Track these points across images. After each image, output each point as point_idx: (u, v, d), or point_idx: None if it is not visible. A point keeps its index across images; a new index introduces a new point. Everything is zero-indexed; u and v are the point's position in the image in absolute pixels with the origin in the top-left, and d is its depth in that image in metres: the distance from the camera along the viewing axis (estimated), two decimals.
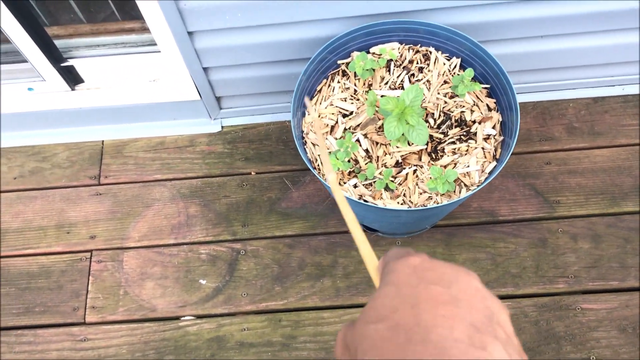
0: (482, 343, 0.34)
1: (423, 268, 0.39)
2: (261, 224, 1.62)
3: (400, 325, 0.35)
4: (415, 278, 0.38)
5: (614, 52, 1.57)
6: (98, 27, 1.55)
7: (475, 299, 0.37)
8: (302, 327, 1.49)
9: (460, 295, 0.37)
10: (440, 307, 0.36)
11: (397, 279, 0.39)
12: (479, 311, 0.36)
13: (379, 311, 0.37)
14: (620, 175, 1.62)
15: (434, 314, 0.35)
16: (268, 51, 1.46)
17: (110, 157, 1.76)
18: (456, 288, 0.37)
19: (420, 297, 0.36)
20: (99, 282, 1.58)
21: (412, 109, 1.14)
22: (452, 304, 0.36)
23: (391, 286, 0.38)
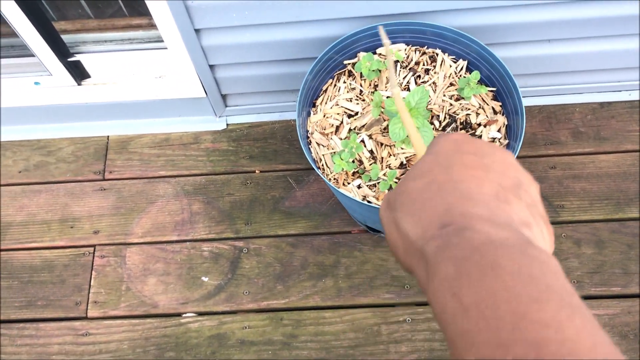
0: (506, 198, 0.37)
1: (462, 141, 0.42)
2: (264, 222, 1.62)
3: (434, 181, 0.38)
4: (454, 148, 0.41)
5: (621, 57, 1.56)
6: (105, 23, 1.55)
7: (507, 169, 0.39)
8: (303, 327, 1.49)
9: (492, 164, 0.39)
10: (472, 170, 0.38)
11: (437, 149, 0.42)
12: (508, 178, 0.39)
13: (417, 172, 0.40)
14: (625, 181, 1.61)
15: (465, 174, 0.38)
16: (275, 50, 1.46)
17: (115, 153, 1.77)
18: (489, 159, 0.40)
19: (455, 162, 0.39)
20: (101, 277, 1.58)
21: (418, 111, 1.14)
22: (483, 169, 0.39)
23: (432, 155, 0.41)
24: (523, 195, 0.38)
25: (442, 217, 0.36)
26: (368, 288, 1.52)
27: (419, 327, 1.46)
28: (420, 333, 1.46)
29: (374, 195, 1.22)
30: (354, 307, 1.51)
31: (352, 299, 1.51)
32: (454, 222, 0.35)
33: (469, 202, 0.36)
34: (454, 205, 0.36)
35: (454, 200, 0.36)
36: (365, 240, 1.58)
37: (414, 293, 1.50)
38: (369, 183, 1.24)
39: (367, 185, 1.24)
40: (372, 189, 1.23)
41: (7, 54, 1.56)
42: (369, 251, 1.56)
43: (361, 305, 1.51)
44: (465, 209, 0.35)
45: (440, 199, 0.37)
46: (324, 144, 1.29)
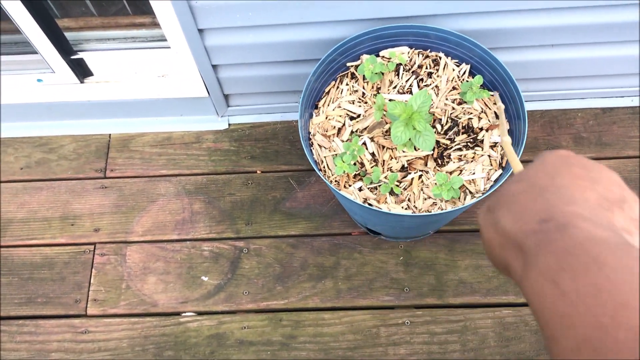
0: (610, 208, 0.37)
1: (569, 156, 0.42)
2: (265, 222, 1.63)
3: (536, 184, 0.39)
4: (560, 161, 0.41)
5: (623, 63, 1.56)
6: (109, 21, 1.55)
7: (612, 185, 0.39)
8: (302, 328, 1.49)
9: (599, 178, 0.39)
10: (578, 179, 0.39)
11: (542, 160, 0.42)
12: (613, 193, 0.39)
13: (521, 176, 0.42)
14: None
15: (570, 181, 0.39)
16: (278, 51, 1.46)
17: (117, 151, 1.77)
18: (597, 173, 0.40)
19: (562, 171, 0.40)
20: (101, 275, 1.59)
21: (420, 115, 1.14)
22: (590, 180, 0.39)
23: (537, 164, 0.42)
24: (627, 209, 0.38)
25: (542, 213, 0.36)
26: (367, 290, 1.52)
27: (418, 330, 1.46)
28: (418, 336, 1.46)
29: (375, 198, 1.22)
30: (353, 309, 1.51)
31: (351, 301, 1.52)
32: (555, 218, 0.35)
33: (571, 204, 0.36)
34: (556, 204, 0.37)
35: (556, 200, 0.37)
36: (365, 242, 1.58)
37: (413, 296, 1.50)
38: (370, 185, 1.24)
39: (368, 188, 1.24)
40: (373, 192, 1.23)
41: (10, 51, 1.56)
42: (369, 253, 1.56)
43: (360, 307, 1.51)
44: (566, 208, 0.36)
45: (542, 198, 0.38)
46: (326, 145, 1.29)
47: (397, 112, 1.14)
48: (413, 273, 1.53)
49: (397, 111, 1.14)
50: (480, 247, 1.55)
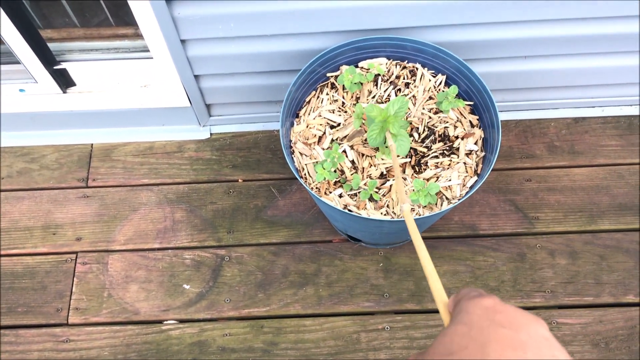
0: None
1: (495, 310, 0.41)
2: (246, 231, 1.65)
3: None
4: (486, 320, 0.40)
5: (594, 74, 1.62)
6: (92, 32, 1.57)
7: (543, 347, 0.39)
8: (284, 334, 1.51)
9: (528, 341, 0.39)
10: (509, 350, 0.38)
11: (468, 319, 0.41)
12: (544, 356, 0.38)
13: (449, 347, 0.40)
14: (598, 194, 1.66)
15: (502, 355, 0.37)
16: (259, 61, 1.49)
17: (99, 160, 1.78)
18: (525, 334, 0.39)
19: (490, 339, 0.39)
20: (83, 284, 1.59)
21: (395, 118, 1.17)
22: (520, 348, 0.38)
23: (462, 325, 0.41)
24: None
25: None
26: (348, 296, 1.55)
27: (398, 335, 1.49)
28: (398, 341, 1.48)
29: (355, 204, 1.25)
30: (334, 315, 1.53)
31: (332, 307, 1.54)
32: None
33: None
34: None
35: None
36: (346, 249, 1.61)
37: (393, 302, 1.53)
38: (350, 192, 1.27)
39: (348, 195, 1.27)
40: (353, 198, 1.26)
41: None
42: (350, 260, 1.59)
43: (341, 313, 1.53)
44: None
45: None
46: (307, 153, 1.32)
47: (373, 115, 1.17)
48: (393, 279, 1.56)
49: (374, 114, 1.17)
50: (457, 253, 1.59)
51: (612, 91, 1.72)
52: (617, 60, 1.56)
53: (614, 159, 1.72)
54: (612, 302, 1.52)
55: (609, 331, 1.48)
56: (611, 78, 1.64)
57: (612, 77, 1.63)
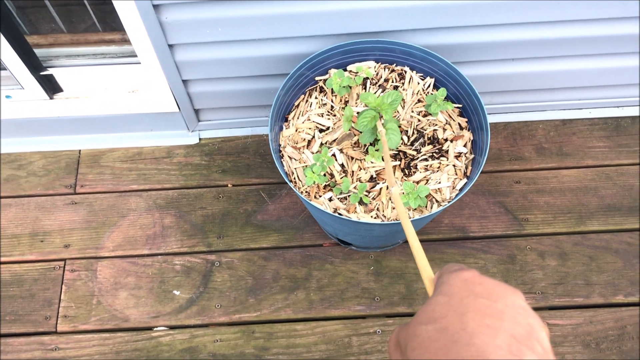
0: (520, 353, 0.38)
1: (473, 282, 0.43)
2: (236, 236, 1.64)
3: (447, 329, 0.39)
4: (466, 290, 0.43)
5: (581, 76, 1.63)
6: (78, 38, 1.56)
7: (518, 315, 0.41)
8: (275, 339, 1.50)
9: (505, 310, 0.41)
10: (486, 318, 0.40)
11: (449, 290, 0.43)
12: (520, 326, 0.40)
13: (430, 315, 0.42)
14: (586, 195, 1.67)
15: (479, 323, 0.39)
16: (247, 66, 1.49)
17: (87, 167, 1.76)
18: (502, 303, 0.41)
19: (469, 307, 0.41)
20: (71, 291, 1.58)
21: (389, 106, 1.17)
22: (497, 316, 0.40)
23: (443, 296, 0.43)
24: (536, 346, 0.39)
25: None
26: (339, 300, 1.54)
27: (389, 339, 1.48)
28: None
29: (345, 208, 1.25)
30: (325, 320, 1.53)
31: (323, 311, 1.53)
32: None
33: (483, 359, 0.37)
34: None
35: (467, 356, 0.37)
36: (336, 252, 1.61)
37: (384, 305, 1.53)
38: (340, 196, 1.26)
39: (338, 198, 1.26)
40: (343, 202, 1.26)
41: None
42: (340, 264, 1.59)
43: (332, 317, 1.53)
44: None
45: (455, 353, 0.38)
46: (296, 157, 1.31)
47: (369, 101, 1.17)
48: (384, 282, 1.56)
49: (369, 100, 1.17)
50: (448, 255, 1.59)
51: (599, 93, 1.74)
52: (603, 62, 1.57)
53: (601, 160, 1.73)
54: (602, 302, 1.53)
55: (600, 332, 1.49)
56: (598, 80, 1.65)
57: (599, 79, 1.65)
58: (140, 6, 1.25)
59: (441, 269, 0.49)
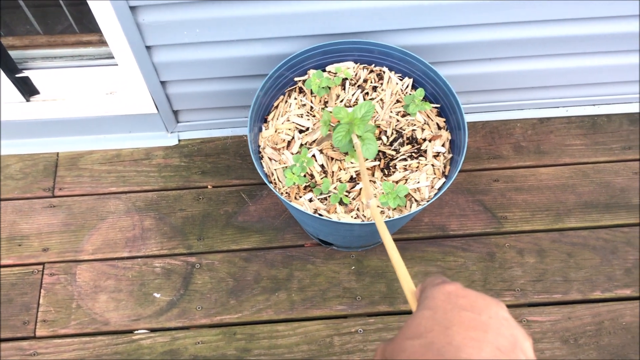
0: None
1: (457, 295, 0.44)
2: (217, 237, 1.63)
3: (433, 343, 0.40)
4: (449, 304, 0.43)
5: (558, 75, 1.65)
6: (55, 39, 1.54)
7: (502, 327, 0.42)
8: (257, 340, 1.50)
9: (489, 322, 0.41)
10: (471, 331, 0.40)
11: (433, 304, 0.44)
12: (505, 337, 0.41)
13: (416, 329, 0.42)
14: (564, 193, 1.69)
15: (464, 336, 0.40)
16: (226, 67, 1.48)
17: (65, 169, 1.75)
18: (486, 315, 0.42)
19: (453, 321, 0.41)
20: (50, 295, 1.56)
21: (361, 121, 1.17)
22: (482, 329, 0.41)
23: (428, 310, 0.43)
24: (520, 356, 0.40)
25: None
26: (321, 300, 1.55)
27: (371, 338, 1.49)
28: (371, 343, 1.49)
29: (325, 208, 1.25)
30: (307, 320, 1.53)
31: (305, 312, 1.53)
32: None
33: None
34: None
35: None
36: (317, 253, 1.61)
37: (365, 304, 1.54)
38: (320, 196, 1.27)
39: (318, 199, 1.27)
40: (323, 202, 1.26)
41: None
42: (322, 264, 1.59)
43: (314, 317, 1.53)
44: None
45: None
46: (276, 158, 1.31)
47: (340, 117, 1.17)
48: (365, 282, 1.57)
49: (341, 115, 1.17)
50: (428, 254, 1.60)
51: (575, 91, 1.76)
52: (579, 61, 1.59)
53: (578, 158, 1.75)
54: (580, 298, 1.55)
55: (578, 327, 1.51)
56: (574, 79, 1.67)
57: (575, 77, 1.67)
58: (116, 8, 1.24)
59: (424, 282, 0.49)
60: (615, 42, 1.52)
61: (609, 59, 1.59)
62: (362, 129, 1.17)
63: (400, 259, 0.58)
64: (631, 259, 1.59)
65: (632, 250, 1.61)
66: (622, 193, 1.69)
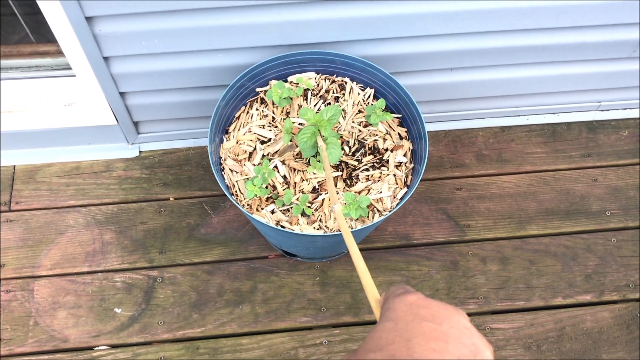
0: None
1: (418, 305, 0.44)
2: (179, 250, 1.61)
3: (395, 356, 0.40)
4: (411, 315, 0.43)
5: (518, 84, 1.67)
6: (11, 49, 1.51)
7: (463, 336, 0.42)
8: (221, 354, 1.48)
9: (450, 332, 0.42)
10: (432, 342, 0.41)
11: (394, 315, 0.44)
12: (465, 347, 0.41)
13: (377, 342, 0.42)
14: (525, 200, 1.71)
15: (425, 347, 0.40)
16: (186, 77, 1.47)
17: (22, 183, 1.70)
18: (447, 325, 0.42)
19: (415, 332, 0.41)
20: (7, 313, 1.51)
21: (328, 123, 1.17)
22: (442, 339, 0.41)
23: (389, 322, 0.43)
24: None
25: None
26: (285, 312, 1.53)
27: (336, 349, 1.48)
28: (336, 355, 1.48)
29: (288, 220, 1.24)
30: (271, 332, 1.51)
31: (269, 324, 1.52)
32: None
33: None
34: None
35: None
36: (282, 264, 1.59)
37: (330, 315, 1.53)
38: (282, 208, 1.26)
39: (280, 210, 1.26)
40: (285, 214, 1.25)
41: None
42: (286, 275, 1.58)
43: (278, 330, 1.52)
44: None
45: None
46: (237, 170, 1.30)
47: (307, 118, 1.17)
48: (329, 292, 1.56)
49: (308, 116, 1.16)
50: (392, 263, 1.60)
51: (535, 100, 1.79)
52: (539, 70, 1.62)
53: (539, 166, 1.78)
54: (542, 305, 1.57)
55: (540, 334, 1.52)
56: (534, 87, 1.70)
57: (535, 86, 1.69)
58: (72, 18, 1.22)
59: (386, 292, 0.49)
60: (574, 52, 1.55)
61: (569, 68, 1.62)
62: (328, 131, 1.16)
63: (365, 267, 0.58)
64: (591, 265, 1.62)
65: (592, 256, 1.63)
66: (582, 200, 1.72)
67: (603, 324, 1.54)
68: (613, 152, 1.82)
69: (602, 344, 1.52)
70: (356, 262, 0.60)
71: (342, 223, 0.69)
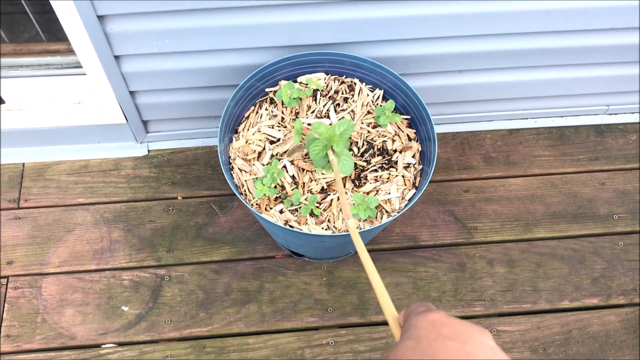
0: None
1: (441, 324, 0.43)
2: (187, 249, 1.61)
3: None
4: (434, 333, 0.42)
5: (526, 86, 1.67)
6: (21, 48, 1.51)
7: (487, 356, 0.41)
8: (227, 354, 1.48)
9: (474, 351, 0.41)
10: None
11: (417, 334, 0.43)
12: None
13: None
14: (532, 203, 1.71)
15: None
16: (196, 77, 1.47)
17: (31, 180, 1.71)
18: (471, 345, 0.41)
19: (438, 351, 0.41)
20: (15, 310, 1.52)
21: (340, 138, 1.17)
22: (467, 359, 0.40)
23: (412, 340, 0.43)
24: None
25: None
26: (292, 312, 1.53)
27: (342, 349, 1.49)
28: (343, 355, 1.48)
29: (296, 220, 1.24)
30: (277, 332, 1.52)
31: (275, 324, 1.52)
32: None
33: None
34: None
35: None
36: (289, 264, 1.60)
37: (337, 316, 1.53)
38: (290, 208, 1.26)
39: (289, 210, 1.26)
40: (294, 214, 1.26)
41: None
42: (293, 275, 1.58)
43: (285, 329, 1.52)
44: None
45: None
46: (246, 169, 1.30)
47: (319, 132, 1.17)
48: (336, 293, 1.56)
49: (320, 130, 1.17)
50: (399, 264, 1.60)
51: (543, 103, 1.79)
52: (547, 73, 1.62)
53: (547, 169, 1.77)
54: (548, 308, 1.56)
55: (547, 337, 1.52)
56: (542, 90, 1.70)
57: (544, 89, 1.69)
58: (84, 17, 1.22)
59: (407, 309, 0.48)
60: (584, 55, 1.55)
61: (578, 72, 1.62)
62: (341, 147, 1.16)
63: (380, 281, 0.58)
64: (598, 269, 1.62)
65: (599, 259, 1.63)
66: (590, 203, 1.72)
67: (610, 327, 1.54)
68: (621, 155, 1.81)
69: (608, 348, 1.51)
70: (372, 277, 0.59)
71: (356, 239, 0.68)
